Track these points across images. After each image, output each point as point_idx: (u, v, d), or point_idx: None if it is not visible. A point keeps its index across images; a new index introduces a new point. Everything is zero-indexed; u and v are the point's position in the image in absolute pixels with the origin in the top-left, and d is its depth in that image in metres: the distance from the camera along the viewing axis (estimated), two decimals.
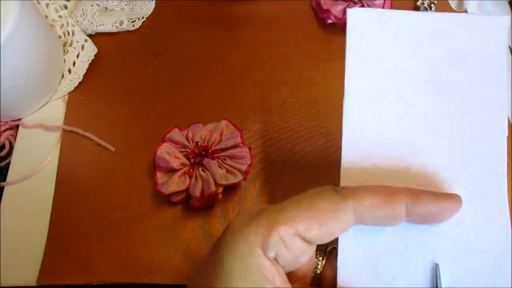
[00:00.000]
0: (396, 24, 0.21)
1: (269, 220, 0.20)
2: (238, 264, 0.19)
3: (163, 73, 0.47)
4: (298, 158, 0.42)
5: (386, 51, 0.22)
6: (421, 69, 0.22)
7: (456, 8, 0.51)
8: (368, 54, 0.22)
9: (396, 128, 0.22)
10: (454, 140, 0.22)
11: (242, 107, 0.45)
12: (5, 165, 0.42)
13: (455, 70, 0.22)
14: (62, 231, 0.39)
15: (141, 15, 0.50)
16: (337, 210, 0.20)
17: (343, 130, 0.23)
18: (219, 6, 0.51)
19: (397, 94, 0.22)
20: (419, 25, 0.21)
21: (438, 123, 0.22)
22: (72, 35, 0.47)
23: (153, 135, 0.41)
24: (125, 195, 0.40)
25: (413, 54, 0.22)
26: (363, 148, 0.23)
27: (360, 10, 0.22)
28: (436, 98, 0.22)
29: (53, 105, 0.45)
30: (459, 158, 0.21)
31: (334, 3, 0.48)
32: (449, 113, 0.22)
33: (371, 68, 0.22)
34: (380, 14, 0.22)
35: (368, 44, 0.22)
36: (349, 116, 0.22)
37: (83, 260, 0.38)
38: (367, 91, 0.22)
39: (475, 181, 0.21)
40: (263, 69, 0.47)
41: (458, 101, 0.22)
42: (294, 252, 0.20)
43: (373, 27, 0.22)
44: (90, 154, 0.43)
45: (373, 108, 0.22)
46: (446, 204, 0.20)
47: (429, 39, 0.21)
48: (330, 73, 0.47)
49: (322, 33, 0.49)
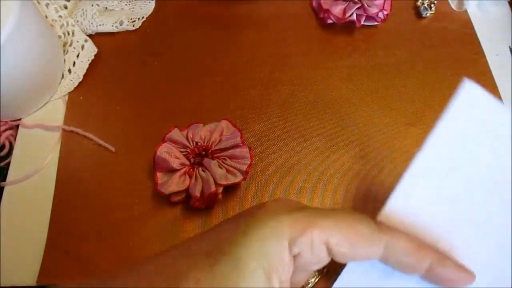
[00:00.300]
0: (495, 119, 0.22)
1: (308, 220, 0.20)
2: (261, 243, 0.19)
3: (163, 73, 0.47)
4: (298, 158, 0.42)
5: (475, 140, 0.22)
6: (493, 174, 0.23)
7: (456, 8, 0.51)
8: (460, 131, 0.22)
9: (446, 207, 0.23)
10: (488, 239, 0.23)
11: (242, 107, 0.45)
12: (5, 165, 0.42)
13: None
14: (62, 231, 0.39)
15: (141, 15, 0.50)
16: (372, 239, 0.21)
17: (405, 178, 0.23)
18: (219, 6, 0.51)
19: (463, 181, 0.23)
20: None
21: (482, 219, 0.23)
22: (72, 35, 0.47)
23: (153, 135, 0.41)
24: (125, 195, 0.40)
25: (492, 156, 0.22)
26: (411, 205, 0.23)
27: (476, 87, 0.21)
28: (492, 203, 0.23)
29: (53, 105, 0.45)
30: (485, 253, 0.23)
31: (334, 3, 0.48)
32: (497, 217, 0.23)
33: (455, 145, 0.22)
34: (489, 101, 0.22)
35: (465, 121, 0.22)
36: (415, 171, 0.23)
37: (83, 260, 0.38)
38: (441, 161, 0.23)
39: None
40: (263, 69, 0.47)
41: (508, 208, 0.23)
42: (313, 259, 0.20)
43: (478, 110, 0.22)
44: (90, 154, 0.43)
45: (437, 177, 0.23)
46: (465, 275, 0.22)
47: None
48: (330, 73, 0.47)
49: (322, 33, 0.49)
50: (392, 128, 0.44)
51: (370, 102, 0.45)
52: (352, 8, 0.47)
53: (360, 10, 0.48)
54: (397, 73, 0.47)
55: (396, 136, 0.43)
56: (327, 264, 0.22)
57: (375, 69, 0.47)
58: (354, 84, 0.46)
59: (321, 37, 0.49)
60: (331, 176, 0.41)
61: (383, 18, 0.48)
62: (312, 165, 0.42)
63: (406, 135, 0.43)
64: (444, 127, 0.22)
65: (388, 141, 0.43)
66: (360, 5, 0.48)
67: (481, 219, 0.23)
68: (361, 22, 0.48)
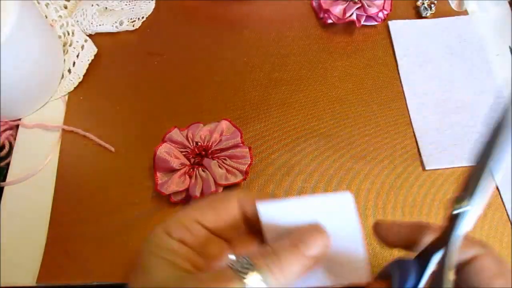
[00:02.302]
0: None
1: (174, 216, 0.24)
2: (151, 247, 0.23)
3: (163, 73, 0.47)
4: (298, 158, 0.42)
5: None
6: None
7: (456, 8, 0.51)
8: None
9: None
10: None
11: (242, 107, 0.45)
12: (5, 165, 0.42)
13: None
14: (62, 231, 0.39)
15: (141, 15, 0.50)
16: (225, 199, 0.25)
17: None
18: (219, 6, 0.51)
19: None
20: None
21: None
22: (72, 35, 0.47)
23: (153, 135, 0.41)
24: (125, 195, 0.40)
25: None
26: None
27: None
28: None
29: (53, 105, 0.45)
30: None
31: (334, 3, 0.48)
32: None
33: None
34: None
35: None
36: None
37: (82, 261, 0.38)
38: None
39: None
40: (263, 69, 0.47)
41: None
42: (199, 238, 0.24)
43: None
44: (90, 154, 0.43)
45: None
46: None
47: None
48: (330, 73, 0.47)
49: (322, 33, 0.49)
50: (392, 128, 0.44)
51: (370, 102, 0.45)
52: (352, 8, 0.47)
53: (360, 10, 0.48)
54: (397, 73, 0.47)
55: (396, 136, 0.43)
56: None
57: (375, 69, 0.47)
58: (354, 84, 0.46)
59: (321, 37, 0.49)
60: (332, 176, 0.41)
61: (383, 18, 0.48)
62: (312, 165, 0.42)
63: (406, 135, 0.43)
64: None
65: (388, 141, 0.43)
66: (360, 5, 0.48)
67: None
68: (361, 22, 0.48)
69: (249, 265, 0.21)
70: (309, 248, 0.22)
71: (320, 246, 0.23)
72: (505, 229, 0.39)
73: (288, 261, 0.21)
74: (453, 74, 0.46)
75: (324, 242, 0.23)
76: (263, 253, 0.22)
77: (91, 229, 0.39)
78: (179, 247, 0.23)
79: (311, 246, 0.22)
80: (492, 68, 0.47)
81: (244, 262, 0.21)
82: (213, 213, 0.24)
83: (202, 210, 0.24)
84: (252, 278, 0.20)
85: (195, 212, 0.24)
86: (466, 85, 0.46)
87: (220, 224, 0.25)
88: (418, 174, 0.41)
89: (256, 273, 0.20)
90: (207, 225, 0.24)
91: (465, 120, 0.44)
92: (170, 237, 0.23)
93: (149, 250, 0.23)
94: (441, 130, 0.43)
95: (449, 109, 0.44)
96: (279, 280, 0.21)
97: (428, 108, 0.44)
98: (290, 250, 0.22)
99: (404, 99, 0.45)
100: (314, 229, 0.23)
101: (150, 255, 0.23)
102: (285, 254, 0.22)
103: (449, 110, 0.44)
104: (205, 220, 0.24)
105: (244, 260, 0.21)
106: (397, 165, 0.42)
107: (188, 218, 0.24)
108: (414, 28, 0.49)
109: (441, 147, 0.42)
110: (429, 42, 0.48)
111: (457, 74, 0.46)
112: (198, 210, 0.24)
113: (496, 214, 0.39)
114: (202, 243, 0.24)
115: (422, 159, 0.42)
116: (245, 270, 0.20)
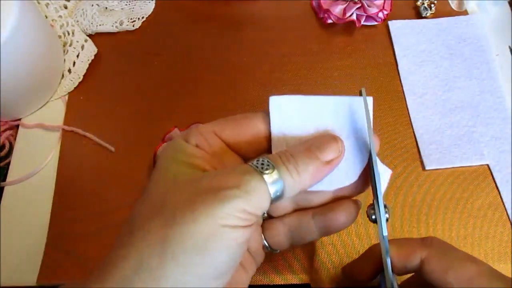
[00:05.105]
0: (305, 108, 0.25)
1: (194, 127, 0.25)
2: (170, 152, 0.24)
3: (163, 73, 0.47)
4: None
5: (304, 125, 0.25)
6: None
7: (456, 8, 0.51)
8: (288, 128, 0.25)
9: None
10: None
11: (242, 107, 0.45)
12: (5, 165, 0.42)
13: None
14: (62, 231, 0.39)
15: (141, 15, 0.50)
16: (249, 116, 0.25)
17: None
18: (219, 6, 0.51)
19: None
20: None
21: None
22: (72, 35, 0.47)
23: (153, 135, 0.41)
24: (125, 195, 0.40)
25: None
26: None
27: (279, 97, 0.25)
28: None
29: (53, 105, 0.45)
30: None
31: (334, 3, 0.48)
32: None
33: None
34: (294, 99, 0.25)
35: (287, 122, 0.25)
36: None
37: (83, 260, 0.38)
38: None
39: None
40: (263, 69, 0.47)
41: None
42: (214, 148, 0.24)
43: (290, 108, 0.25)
44: (90, 154, 0.43)
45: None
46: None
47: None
48: (330, 73, 0.47)
49: (322, 33, 0.49)
50: (392, 128, 0.44)
51: None
52: (352, 8, 0.47)
53: (360, 10, 0.48)
54: (397, 73, 0.47)
55: (396, 136, 0.43)
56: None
57: (375, 69, 0.47)
58: (354, 84, 0.46)
59: (321, 37, 0.49)
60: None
61: (383, 18, 0.48)
62: None
63: (406, 135, 0.43)
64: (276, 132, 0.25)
65: (388, 141, 0.43)
66: (360, 5, 0.48)
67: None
68: (361, 22, 0.48)
69: (269, 164, 0.22)
70: (323, 152, 0.23)
71: (335, 152, 0.23)
72: (505, 229, 0.39)
73: (304, 162, 0.22)
74: (453, 74, 0.46)
75: (338, 148, 0.24)
76: (281, 155, 0.23)
77: (91, 229, 0.39)
78: (196, 151, 0.23)
79: (325, 151, 0.23)
80: (492, 68, 0.47)
81: (264, 162, 0.22)
82: (233, 127, 0.24)
83: (222, 124, 0.25)
84: (271, 175, 0.21)
85: (214, 125, 0.25)
86: (466, 85, 0.46)
87: (238, 140, 0.25)
88: (418, 174, 0.41)
89: (275, 171, 0.21)
90: (224, 137, 0.24)
91: (465, 120, 0.44)
92: (187, 143, 0.24)
93: (166, 155, 0.24)
94: (441, 130, 0.43)
95: (449, 109, 0.44)
96: (295, 179, 0.22)
97: (428, 108, 0.44)
98: (305, 153, 0.23)
99: (404, 99, 0.45)
100: (330, 136, 0.24)
101: (167, 158, 0.23)
102: (301, 156, 0.23)
103: (449, 110, 0.44)
104: (223, 133, 0.24)
105: (264, 160, 0.22)
106: (397, 165, 0.42)
107: (206, 129, 0.24)
108: (414, 28, 0.49)
109: (441, 147, 0.42)
110: (429, 42, 0.48)
111: (457, 74, 0.46)
112: (218, 123, 0.25)
113: (496, 214, 0.39)
114: (217, 153, 0.24)
115: (422, 159, 0.42)
116: (265, 167, 0.21)
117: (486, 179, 0.41)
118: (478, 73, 0.46)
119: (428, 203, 0.40)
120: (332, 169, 0.24)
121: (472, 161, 0.42)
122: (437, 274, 0.24)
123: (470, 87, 0.46)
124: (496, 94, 0.45)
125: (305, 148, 0.23)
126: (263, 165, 0.21)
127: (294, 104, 0.25)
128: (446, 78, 0.46)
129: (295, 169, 0.22)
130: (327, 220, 0.26)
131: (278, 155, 0.22)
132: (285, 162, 0.22)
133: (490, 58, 0.47)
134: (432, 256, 0.25)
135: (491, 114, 0.44)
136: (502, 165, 0.41)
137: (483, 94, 0.45)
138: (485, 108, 0.44)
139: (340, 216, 0.26)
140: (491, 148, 0.42)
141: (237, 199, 0.20)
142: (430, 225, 0.39)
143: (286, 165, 0.22)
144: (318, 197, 0.27)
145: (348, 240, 0.38)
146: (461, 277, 0.24)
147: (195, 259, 0.19)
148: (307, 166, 0.22)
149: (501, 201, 0.40)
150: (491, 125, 0.43)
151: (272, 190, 0.21)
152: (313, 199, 0.27)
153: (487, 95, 0.45)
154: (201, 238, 0.19)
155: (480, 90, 0.45)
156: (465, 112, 0.44)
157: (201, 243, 0.19)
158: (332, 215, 0.26)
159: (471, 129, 0.43)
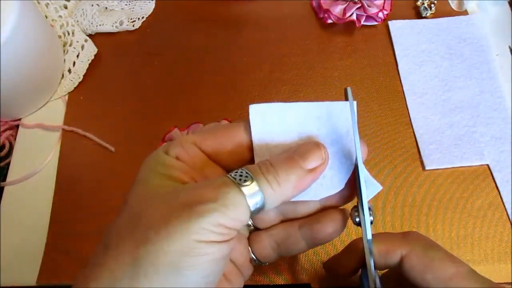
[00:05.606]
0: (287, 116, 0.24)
1: (175, 140, 0.25)
2: (150, 164, 0.24)
3: (163, 73, 0.47)
4: None
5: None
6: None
7: (456, 8, 0.51)
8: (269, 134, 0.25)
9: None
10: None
11: (242, 107, 0.45)
12: (5, 165, 0.42)
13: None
14: (62, 231, 0.39)
15: (141, 15, 0.50)
16: (230, 126, 0.24)
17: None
18: (219, 6, 0.51)
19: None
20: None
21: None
22: (72, 35, 0.47)
23: (153, 135, 0.41)
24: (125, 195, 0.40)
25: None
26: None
27: (260, 105, 0.24)
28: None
29: (53, 105, 0.45)
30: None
31: (334, 3, 0.48)
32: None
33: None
34: (276, 107, 0.24)
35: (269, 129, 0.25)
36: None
37: (83, 260, 0.38)
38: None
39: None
40: (263, 69, 0.47)
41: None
42: (194, 159, 0.23)
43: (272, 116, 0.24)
44: (90, 154, 0.43)
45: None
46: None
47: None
48: (330, 73, 0.47)
49: (322, 33, 0.49)
50: (392, 128, 0.44)
51: (370, 102, 0.45)
52: (352, 8, 0.47)
53: (360, 10, 0.48)
54: (397, 73, 0.47)
55: (396, 136, 0.43)
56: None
57: (375, 69, 0.47)
58: (354, 84, 0.46)
59: (321, 37, 0.49)
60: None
61: (383, 18, 0.48)
62: None
63: (406, 135, 0.43)
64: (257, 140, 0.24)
65: (388, 141, 0.43)
66: (360, 5, 0.48)
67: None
68: (361, 22, 0.48)
69: (247, 175, 0.21)
70: (306, 160, 0.22)
71: (318, 159, 0.22)
72: (505, 229, 0.39)
73: (285, 172, 0.21)
74: (453, 74, 0.46)
75: (321, 156, 0.23)
76: (260, 165, 0.22)
77: (91, 229, 0.39)
78: (175, 163, 0.23)
79: (308, 159, 0.22)
80: (492, 68, 0.47)
81: (242, 173, 0.21)
82: (214, 138, 0.24)
83: (203, 135, 0.24)
84: (249, 187, 0.20)
85: (194, 136, 0.24)
86: (466, 85, 0.46)
87: (220, 151, 0.24)
88: (417, 174, 0.41)
89: (254, 183, 0.20)
90: (204, 148, 0.24)
91: (465, 120, 0.44)
92: (167, 154, 0.23)
93: (147, 166, 0.24)
94: (441, 130, 0.43)
95: (449, 109, 0.44)
96: (276, 190, 0.21)
97: (428, 108, 0.44)
98: (286, 162, 0.22)
99: (404, 99, 0.45)
100: (312, 143, 0.23)
101: (147, 170, 0.23)
102: (282, 166, 0.22)
103: (449, 110, 0.44)
104: (203, 144, 0.24)
105: (242, 171, 0.21)
106: (397, 165, 0.42)
107: (187, 141, 0.24)
108: (414, 28, 0.49)
109: (441, 147, 0.42)
110: (429, 42, 0.48)
111: (457, 74, 0.46)
112: (198, 134, 0.24)
113: (496, 214, 0.39)
114: (198, 164, 0.23)
115: (422, 159, 0.42)
116: (243, 179, 0.21)
117: (486, 179, 0.41)
118: (478, 73, 0.46)
119: (428, 203, 0.40)
120: (316, 177, 0.23)
121: (472, 161, 0.42)
122: (416, 272, 0.24)
123: (470, 87, 0.46)
124: (496, 94, 0.45)
125: (286, 156, 0.22)
126: (241, 177, 0.21)
127: (275, 112, 0.24)
128: (446, 78, 0.46)
129: (275, 179, 0.21)
130: (314, 232, 0.25)
131: (258, 166, 0.22)
132: (264, 172, 0.21)
133: (490, 58, 0.47)
134: (412, 254, 0.24)
135: (491, 114, 0.44)
136: (502, 165, 0.41)
137: (483, 94, 0.45)
138: (485, 108, 0.44)
139: (327, 227, 0.25)
140: (491, 148, 0.42)
141: (213, 213, 0.19)
142: (430, 225, 0.39)
143: (265, 176, 0.21)
144: (305, 208, 0.26)
145: (348, 240, 0.38)
146: (440, 277, 0.23)
147: (169, 277, 0.19)
148: (289, 176, 0.21)
149: (501, 201, 0.40)
150: (491, 125, 0.43)
151: (252, 202, 0.20)
152: (300, 210, 0.26)
153: (487, 95, 0.45)
154: (175, 255, 0.19)
155: (480, 90, 0.45)
156: (465, 112, 0.44)
157: (175, 261, 0.19)
158: (319, 226, 0.25)
159: (471, 129, 0.43)
